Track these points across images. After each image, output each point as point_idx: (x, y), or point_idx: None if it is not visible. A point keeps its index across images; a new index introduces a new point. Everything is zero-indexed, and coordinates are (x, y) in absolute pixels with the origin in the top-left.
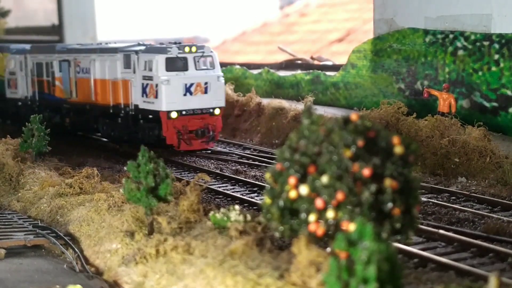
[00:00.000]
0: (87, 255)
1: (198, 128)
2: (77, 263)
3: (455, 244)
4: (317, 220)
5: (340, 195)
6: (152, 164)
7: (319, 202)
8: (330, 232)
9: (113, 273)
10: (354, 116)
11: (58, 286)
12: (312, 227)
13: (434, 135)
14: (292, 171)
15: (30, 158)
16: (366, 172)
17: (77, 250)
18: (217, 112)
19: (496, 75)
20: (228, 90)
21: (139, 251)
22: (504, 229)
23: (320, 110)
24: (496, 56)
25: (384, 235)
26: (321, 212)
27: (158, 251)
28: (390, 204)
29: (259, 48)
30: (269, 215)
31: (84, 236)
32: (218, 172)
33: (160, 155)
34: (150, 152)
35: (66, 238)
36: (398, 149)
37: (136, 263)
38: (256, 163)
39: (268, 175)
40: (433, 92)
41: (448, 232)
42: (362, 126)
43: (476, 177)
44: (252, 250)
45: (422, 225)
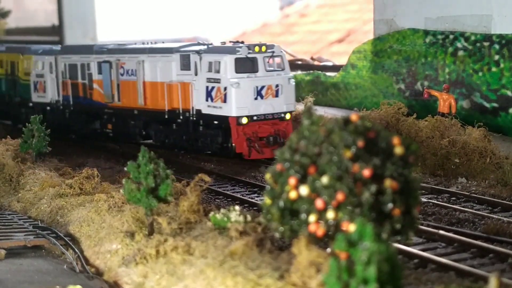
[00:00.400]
0: (87, 256)
1: (269, 135)
2: (77, 264)
3: (455, 244)
4: (317, 221)
5: (340, 196)
6: (152, 165)
7: (319, 203)
8: (330, 232)
9: (113, 273)
10: (354, 117)
11: (58, 287)
12: (312, 227)
13: (434, 135)
14: (292, 171)
15: (30, 159)
16: (366, 172)
17: (77, 250)
18: (288, 117)
19: (496, 76)
20: None
21: (139, 251)
22: (504, 229)
23: (320, 111)
24: (496, 57)
25: (384, 235)
26: (321, 212)
27: (158, 251)
28: (390, 205)
29: None
30: (269, 216)
31: (84, 236)
32: (218, 172)
33: (160, 155)
34: (150, 152)
35: (66, 238)
36: (398, 149)
37: (136, 264)
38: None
39: (268, 176)
40: (433, 93)
41: (448, 232)
42: (362, 126)
43: (476, 177)
44: (252, 251)
45: (422, 225)
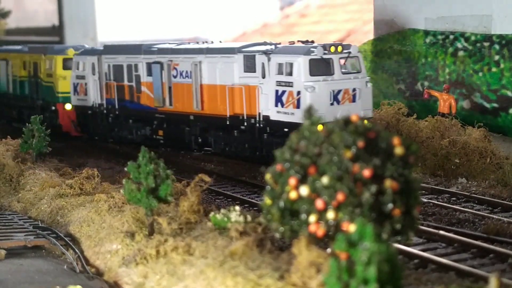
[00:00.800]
0: (87, 256)
1: None
2: (77, 264)
3: (456, 245)
4: (317, 221)
5: (340, 196)
6: (152, 165)
7: (319, 203)
8: (330, 233)
9: (113, 273)
10: (354, 117)
11: (58, 287)
12: (312, 228)
13: (434, 136)
14: (292, 172)
15: (30, 159)
16: (367, 173)
17: (77, 250)
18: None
19: (497, 76)
20: None
21: (139, 251)
22: (505, 230)
23: None
24: (496, 57)
25: (384, 236)
26: (321, 213)
27: (158, 251)
28: (391, 205)
29: None
30: (269, 216)
31: (85, 236)
32: (219, 172)
33: (160, 155)
34: (150, 153)
35: (66, 238)
36: (399, 150)
37: (137, 264)
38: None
39: (268, 176)
40: (433, 93)
41: (448, 233)
42: (363, 127)
43: (477, 178)
44: (253, 251)
45: (423, 226)
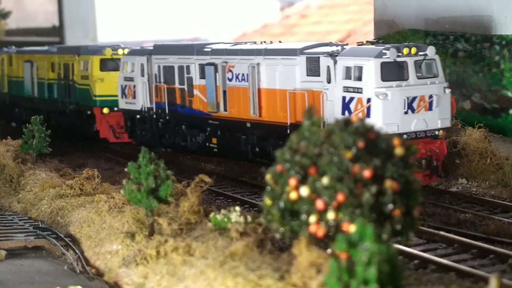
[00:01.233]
0: (87, 256)
1: (420, 157)
2: (77, 264)
3: (456, 245)
4: (317, 222)
5: (340, 197)
6: (152, 165)
7: (319, 204)
8: (330, 233)
9: (113, 274)
10: (354, 118)
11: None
12: (312, 228)
13: None
14: (292, 172)
15: (30, 159)
16: (367, 173)
17: (77, 251)
18: (441, 134)
19: (497, 77)
20: None
21: (139, 252)
22: (505, 230)
23: None
24: (496, 58)
25: (384, 236)
26: (321, 213)
27: (158, 252)
28: (391, 206)
29: None
30: (269, 217)
31: (85, 237)
32: (219, 173)
33: (160, 156)
34: (150, 153)
35: (66, 239)
36: (399, 150)
37: (137, 264)
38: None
39: (268, 176)
40: None
41: (448, 233)
42: (363, 127)
43: (477, 178)
44: (253, 252)
45: (423, 226)
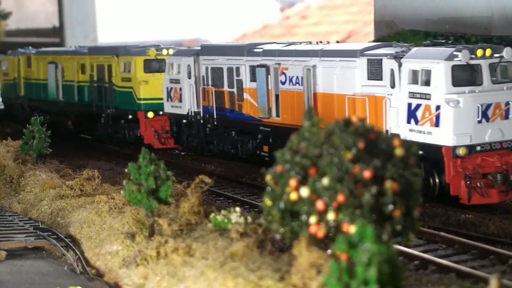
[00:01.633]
0: (88, 257)
1: (495, 171)
2: (77, 265)
3: (456, 246)
4: (317, 222)
5: (340, 197)
6: (153, 166)
7: (319, 204)
8: (330, 234)
9: (114, 275)
10: (354, 118)
11: None
12: (312, 229)
13: None
14: (292, 173)
15: (31, 160)
16: (367, 174)
17: (77, 252)
18: None
19: None
20: None
21: (139, 253)
22: (505, 231)
23: None
24: None
25: (384, 237)
26: (321, 214)
27: (158, 253)
28: (391, 206)
29: None
30: (269, 217)
31: (85, 238)
32: (219, 174)
33: (160, 157)
34: (151, 154)
35: (67, 240)
36: (399, 151)
37: (137, 265)
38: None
39: (268, 177)
40: None
41: (449, 234)
42: (363, 128)
43: None
44: (253, 252)
45: (423, 227)
